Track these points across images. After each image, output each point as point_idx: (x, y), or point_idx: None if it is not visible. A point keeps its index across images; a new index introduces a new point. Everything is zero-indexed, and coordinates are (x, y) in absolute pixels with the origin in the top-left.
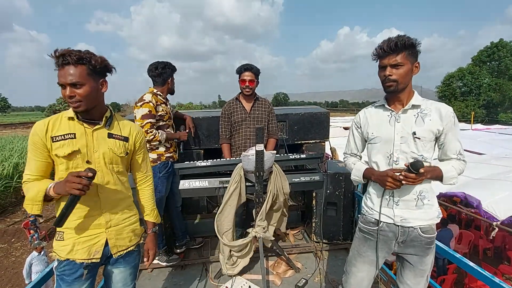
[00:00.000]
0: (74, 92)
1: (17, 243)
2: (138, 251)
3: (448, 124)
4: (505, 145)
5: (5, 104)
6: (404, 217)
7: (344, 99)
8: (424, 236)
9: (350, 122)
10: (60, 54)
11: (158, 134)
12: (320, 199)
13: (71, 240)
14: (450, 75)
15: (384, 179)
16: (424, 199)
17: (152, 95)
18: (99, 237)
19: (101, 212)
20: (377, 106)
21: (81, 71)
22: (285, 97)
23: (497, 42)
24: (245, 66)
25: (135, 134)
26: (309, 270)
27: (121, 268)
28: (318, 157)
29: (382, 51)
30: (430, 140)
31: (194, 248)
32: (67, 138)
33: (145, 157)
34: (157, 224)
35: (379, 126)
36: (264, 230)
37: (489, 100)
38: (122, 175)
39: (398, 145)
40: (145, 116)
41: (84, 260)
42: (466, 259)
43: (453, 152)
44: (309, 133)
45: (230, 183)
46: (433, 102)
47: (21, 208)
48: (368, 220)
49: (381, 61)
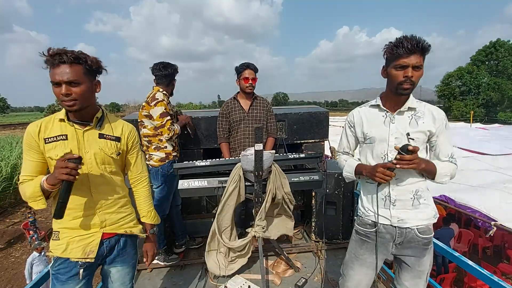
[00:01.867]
0: (70, 90)
1: (17, 244)
2: (135, 250)
3: (440, 127)
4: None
5: (4, 104)
6: (401, 218)
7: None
8: (421, 236)
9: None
10: (55, 53)
11: (175, 128)
12: (320, 199)
13: (65, 239)
14: (449, 75)
15: (374, 171)
16: (420, 198)
17: (163, 94)
18: (93, 237)
19: (95, 212)
20: (372, 106)
21: (77, 70)
22: (285, 97)
23: (495, 42)
24: (246, 64)
25: (127, 134)
26: (309, 269)
27: (119, 267)
28: (317, 157)
29: (405, 49)
30: (423, 141)
31: (193, 248)
32: (59, 139)
33: (139, 157)
34: (156, 225)
35: (373, 126)
36: (263, 229)
37: (488, 99)
38: (116, 175)
39: (392, 145)
40: (163, 114)
41: (78, 259)
42: (465, 258)
43: (445, 155)
44: (309, 132)
45: (228, 182)
46: (426, 105)
47: (21, 209)
48: (365, 222)
49: (402, 60)
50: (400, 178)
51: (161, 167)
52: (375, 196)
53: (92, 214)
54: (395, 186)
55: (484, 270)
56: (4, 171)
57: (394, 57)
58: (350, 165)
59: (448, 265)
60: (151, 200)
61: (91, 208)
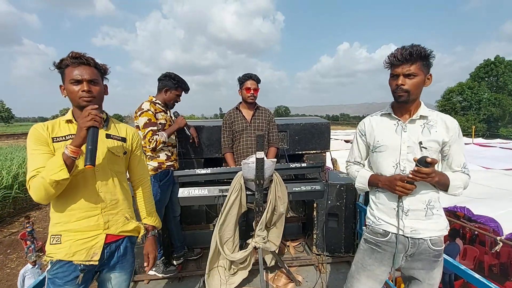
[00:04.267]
0: (91, 88)
1: (13, 254)
2: (134, 258)
3: (454, 136)
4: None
5: (9, 114)
6: (414, 228)
7: (345, 113)
8: (433, 248)
9: (351, 135)
10: (78, 55)
11: (158, 137)
12: (321, 210)
13: (69, 243)
14: (450, 90)
15: (394, 183)
16: (433, 208)
17: (150, 104)
18: (97, 239)
19: (100, 212)
20: (383, 114)
21: (95, 71)
22: (287, 110)
23: (494, 59)
24: (248, 75)
25: (131, 134)
26: (310, 283)
27: (117, 274)
28: (319, 166)
29: (395, 59)
30: (436, 150)
31: (192, 259)
32: (68, 138)
33: (142, 158)
34: (157, 228)
35: (385, 134)
36: (264, 240)
37: (490, 114)
38: (122, 175)
39: (404, 154)
40: (146, 124)
41: (83, 261)
42: (474, 272)
43: (457, 165)
44: (310, 143)
45: (230, 192)
46: (438, 113)
47: (19, 219)
48: (376, 231)
49: (394, 70)
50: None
51: (153, 177)
52: (389, 206)
53: (97, 214)
54: (408, 197)
55: (494, 285)
56: (5, 180)
57: (389, 67)
58: (363, 176)
59: (454, 282)
60: (153, 202)
61: (96, 208)
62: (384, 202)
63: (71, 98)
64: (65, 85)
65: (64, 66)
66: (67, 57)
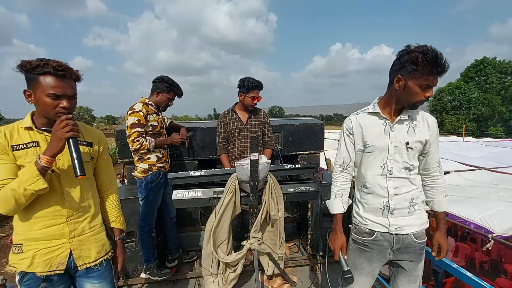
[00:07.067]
0: (70, 103)
1: (3, 259)
2: (110, 265)
3: (433, 135)
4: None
5: None
6: (399, 225)
7: (338, 113)
8: (417, 242)
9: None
10: (65, 67)
11: (145, 142)
12: (316, 211)
13: (31, 253)
14: (440, 90)
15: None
16: (415, 205)
17: (143, 105)
18: (62, 248)
19: (65, 220)
20: (370, 113)
21: (75, 85)
22: (281, 111)
23: (481, 59)
24: (256, 84)
25: (98, 139)
26: (305, 284)
27: (96, 284)
28: (313, 167)
29: (436, 69)
30: (419, 149)
31: (187, 262)
32: (30, 146)
33: (109, 162)
34: (124, 231)
35: (374, 135)
36: (259, 242)
37: (479, 114)
38: (89, 181)
39: (392, 154)
40: (133, 125)
41: (45, 273)
42: (466, 271)
43: (435, 161)
44: (304, 144)
45: (224, 193)
46: (420, 112)
47: (8, 222)
48: (362, 231)
49: (430, 79)
50: (398, 188)
51: (144, 179)
52: (376, 206)
53: (62, 222)
54: (394, 196)
55: (485, 283)
56: None
57: (420, 74)
58: (334, 204)
59: (445, 280)
60: (120, 206)
61: (62, 216)
62: (371, 202)
63: (43, 109)
64: (35, 93)
65: (37, 72)
66: (44, 64)
